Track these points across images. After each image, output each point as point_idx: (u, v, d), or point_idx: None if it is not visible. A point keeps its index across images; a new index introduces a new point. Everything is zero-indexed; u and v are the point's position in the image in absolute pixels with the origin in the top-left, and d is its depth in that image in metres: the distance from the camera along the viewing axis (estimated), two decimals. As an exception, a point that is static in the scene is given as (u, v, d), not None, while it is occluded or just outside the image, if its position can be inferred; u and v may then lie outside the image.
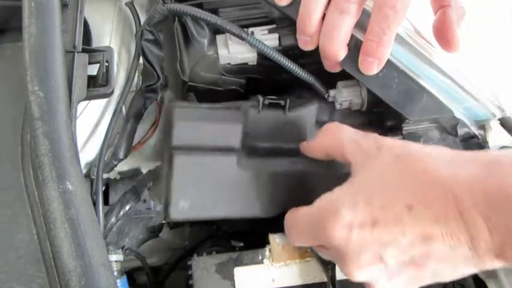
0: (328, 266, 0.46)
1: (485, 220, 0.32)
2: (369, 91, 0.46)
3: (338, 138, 0.42)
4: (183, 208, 0.44)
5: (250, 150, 0.47)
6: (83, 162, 0.48)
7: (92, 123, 0.49)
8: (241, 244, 0.55)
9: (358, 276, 0.37)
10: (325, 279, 0.46)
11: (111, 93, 0.42)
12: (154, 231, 0.55)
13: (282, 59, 0.44)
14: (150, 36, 0.47)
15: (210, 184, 0.44)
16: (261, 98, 0.45)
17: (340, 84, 0.47)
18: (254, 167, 0.46)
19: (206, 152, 0.45)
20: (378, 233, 0.35)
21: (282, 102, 0.46)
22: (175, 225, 0.57)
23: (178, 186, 0.43)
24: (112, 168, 0.50)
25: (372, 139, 0.40)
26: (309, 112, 0.48)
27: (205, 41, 0.45)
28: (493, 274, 0.48)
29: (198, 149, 0.44)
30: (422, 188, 0.35)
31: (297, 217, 0.42)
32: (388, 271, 0.36)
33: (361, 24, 0.42)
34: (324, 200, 0.39)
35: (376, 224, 0.35)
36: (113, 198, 0.52)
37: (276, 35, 0.46)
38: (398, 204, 0.35)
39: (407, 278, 0.36)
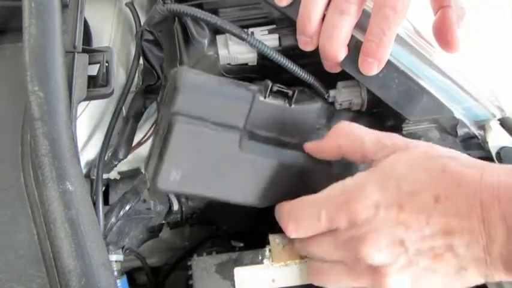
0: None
1: (505, 221, 0.33)
2: (368, 91, 0.46)
3: (356, 138, 0.41)
4: (173, 179, 0.41)
5: (250, 135, 0.46)
6: (83, 162, 0.49)
7: (92, 123, 0.49)
8: (241, 244, 0.55)
9: (374, 257, 0.36)
10: (325, 280, 0.46)
11: (111, 93, 0.42)
12: (154, 231, 0.55)
13: (282, 59, 0.44)
14: (150, 37, 0.47)
15: (207, 160, 0.43)
16: (269, 83, 0.44)
17: (340, 84, 0.47)
18: (255, 150, 0.44)
19: (208, 124, 0.43)
20: (404, 217, 0.35)
21: (290, 92, 0.45)
22: (175, 225, 0.57)
23: (173, 155, 0.41)
24: (112, 168, 0.51)
25: (395, 137, 0.40)
26: (312, 109, 0.47)
27: (205, 41, 0.45)
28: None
29: (201, 119, 0.42)
30: (450, 184, 0.35)
31: (301, 203, 0.41)
32: (406, 257, 0.36)
33: (361, 25, 0.42)
34: (343, 183, 0.39)
35: (402, 209, 0.36)
36: (113, 198, 0.52)
37: (276, 36, 0.46)
38: (425, 194, 0.35)
39: (420, 270, 0.36)
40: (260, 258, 0.46)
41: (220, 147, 0.43)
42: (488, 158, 0.47)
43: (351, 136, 0.42)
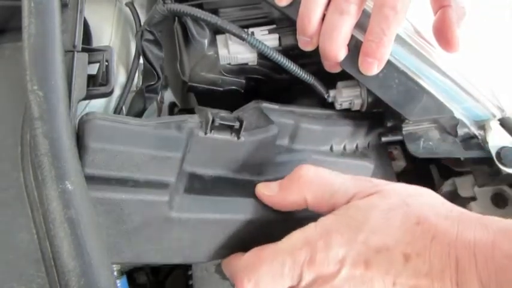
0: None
1: (482, 283, 0.31)
2: (369, 91, 0.46)
3: (325, 189, 0.38)
4: None
5: (189, 180, 0.40)
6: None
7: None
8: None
9: None
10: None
11: (111, 92, 0.42)
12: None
13: (282, 59, 0.44)
14: (150, 37, 0.47)
15: (132, 229, 0.37)
16: (210, 117, 0.38)
17: (340, 84, 0.47)
18: (191, 207, 0.38)
19: (129, 186, 0.36)
20: (369, 275, 0.34)
21: (236, 125, 0.39)
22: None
23: None
24: (112, 168, 0.50)
25: (369, 182, 0.38)
26: (267, 139, 0.42)
27: (206, 41, 0.45)
28: None
29: (119, 181, 0.36)
30: (424, 240, 0.33)
31: (259, 257, 0.36)
32: None
33: (361, 25, 0.42)
34: (306, 233, 0.36)
35: (368, 267, 0.34)
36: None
37: (276, 35, 0.46)
38: (395, 251, 0.33)
39: None
40: (260, 258, 0.46)
41: (147, 212, 0.37)
42: (488, 158, 0.47)
43: (319, 187, 0.38)
